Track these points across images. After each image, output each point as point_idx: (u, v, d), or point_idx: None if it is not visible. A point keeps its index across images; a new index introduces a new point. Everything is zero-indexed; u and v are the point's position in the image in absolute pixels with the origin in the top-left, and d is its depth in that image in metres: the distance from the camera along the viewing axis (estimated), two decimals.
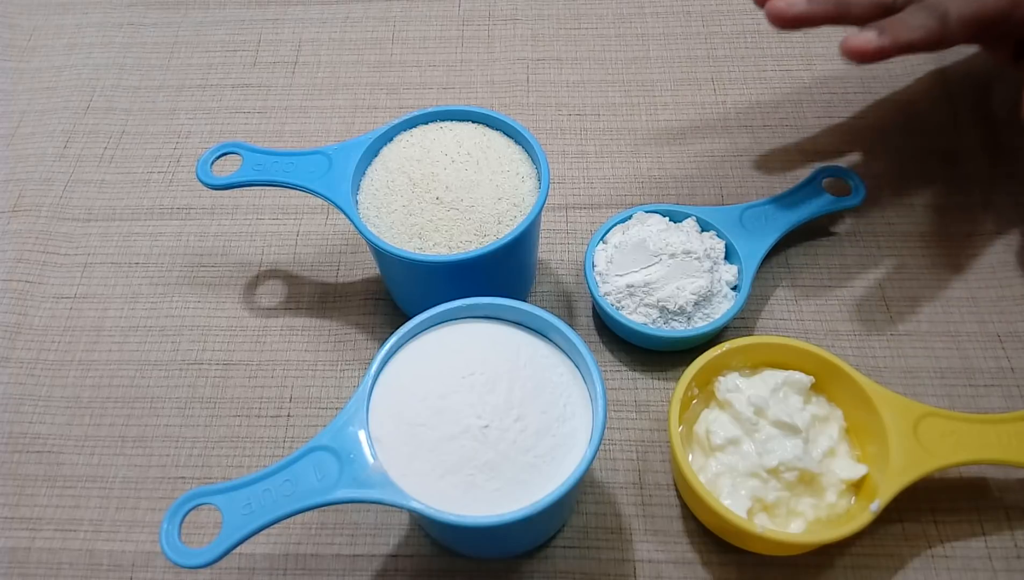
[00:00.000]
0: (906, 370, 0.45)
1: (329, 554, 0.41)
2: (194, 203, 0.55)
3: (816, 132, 0.56)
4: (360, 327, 0.48)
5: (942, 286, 0.48)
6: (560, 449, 0.34)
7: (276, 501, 0.32)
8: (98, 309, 0.50)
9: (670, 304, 0.44)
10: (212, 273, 0.51)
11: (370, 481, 0.33)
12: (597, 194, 0.53)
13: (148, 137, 0.58)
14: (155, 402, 0.46)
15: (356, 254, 0.52)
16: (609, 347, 0.47)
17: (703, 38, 0.62)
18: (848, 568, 0.40)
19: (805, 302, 0.48)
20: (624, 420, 0.44)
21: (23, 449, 0.45)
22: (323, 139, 0.58)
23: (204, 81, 0.61)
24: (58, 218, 0.54)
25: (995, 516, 0.41)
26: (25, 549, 0.42)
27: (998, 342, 0.46)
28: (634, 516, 0.41)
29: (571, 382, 0.37)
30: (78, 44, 0.64)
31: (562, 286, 0.50)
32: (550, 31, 0.63)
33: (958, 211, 0.51)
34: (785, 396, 0.40)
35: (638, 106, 0.58)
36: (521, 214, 0.42)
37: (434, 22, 0.64)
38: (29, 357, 0.48)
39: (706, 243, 0.46)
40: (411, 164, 0.43)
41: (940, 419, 0.38)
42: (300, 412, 0.46)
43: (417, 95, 0.60)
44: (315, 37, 0.64)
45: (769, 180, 0.54)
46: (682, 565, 0.40)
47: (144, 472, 0.44)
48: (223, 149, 0.45)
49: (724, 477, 0.38)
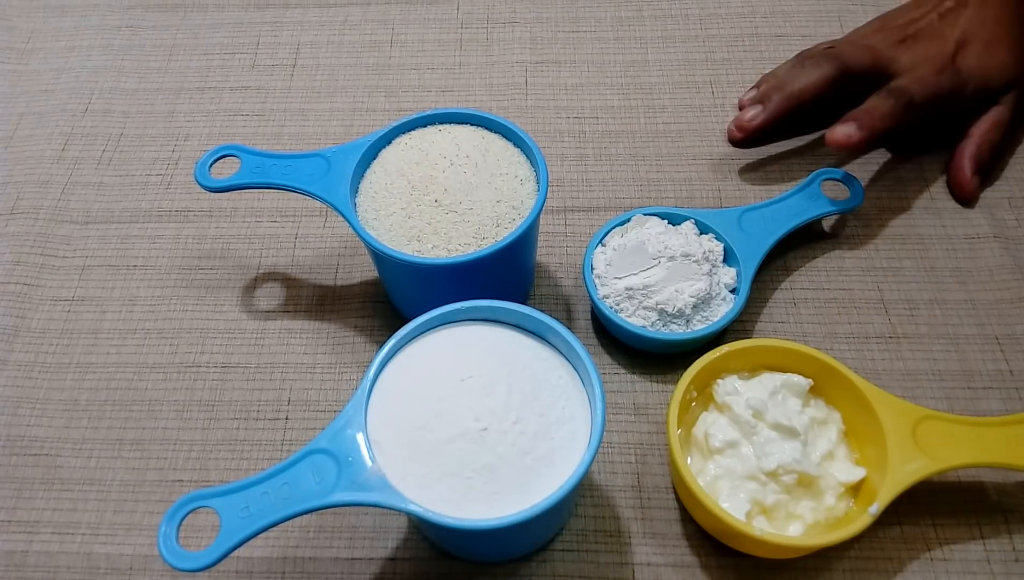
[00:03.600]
0: (905, 373, 0.45)
1: (327, 557, 0.41)
2: (192, 205, 0.55)
3: (814, 135, 0.56)
4: (358, 330, 0.48)
5: (940, 289, 0.48)
6: (559, 452, 0.34)
7: (274, 504, 0.32)
8: (96, 312, 0.50)
9: (669, 307, 0.44)
10: (210, 276, 0.51)
11: (368, 484, 0.33)
12: (596, 197, 0.53)
13: (146, 139, 0.58)
14: (153, 405, 0.46)
15: (354, 257, 0.52)
16: (608, 350, 0.47)
17: (701, 41, 0.62)
18: (847, 571, 0.39)
19: (804, 305, 0.48)
20: (623, 423, 0.44)
21: (21, 452, 0.45)
22: (321, 142, 0.58)
23: (202, 84, 0.61)
24: (56, 220, 0.54)
25: (993, 519, 0.41)
26: (23, 552, 0.42)
27: (996, 345, 0.46)
28: (633, 519, 0.41)
29: (570, 385, 0.37)
30: (76, 46, 0.64)
31: (561, 289, 0.50)
32: (549, 34, 0.63)
33: (956, 214, 0.52)
34: (784, 399, 0.40)
35: (636, 109, 0.58)
36: (520, 217, 0.42)
37: (433, 25, 0.64)
38: (27, 360, 0.48)
39: (705, 246, 0.46)
40: (410, 167, 0.43)
41: (939, 422, 0.38)
42: (298, 415, 0.46)
43: (416, 98, 0.60)
44: (314, 40, 0.64)
45: (767, 183, 0.54)
46: (681, 568, 0.40)
47: (142, 475, 0.44)
48: (221, 151, 0.45)
49: (723, 480, 0.38)
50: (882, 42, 0.52)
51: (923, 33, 0.51)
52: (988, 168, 0.52)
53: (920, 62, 0.50)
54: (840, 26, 0.61)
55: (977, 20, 0.51)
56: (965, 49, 0.50)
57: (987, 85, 0.50)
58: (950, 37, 0.50)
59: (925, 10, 0.52)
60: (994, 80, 0.50)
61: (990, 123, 0.51)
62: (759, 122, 0.53)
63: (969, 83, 0.50)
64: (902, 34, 0.52)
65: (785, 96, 0.52)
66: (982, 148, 0.51)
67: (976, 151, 0.51)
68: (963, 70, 0.50)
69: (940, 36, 0.51)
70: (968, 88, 0.50)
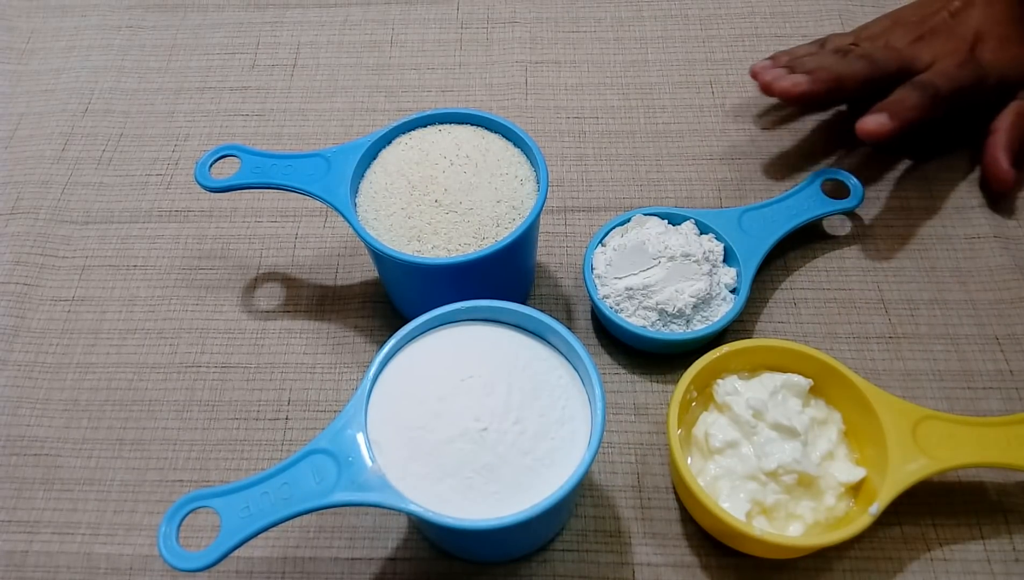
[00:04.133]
0: (905, 373, 0.45)
1: (327, 557, 0.41)
2: (192, 205, 0.55)
3: (814, 135, 0.56)
4: (358, 330, 0.48)
5: (940, 289, 0.48)
6: (559, 452, 0.34)
7: (274, 504, 0.32)
8: (96, 312, 0.50)
9: (669, 307, 0.44)
10: (210, 276, 0.51)
11: (368, 484, 0.33)
12: (596, 197, 0.53)
13: (146, 139, 0.58)
14: (153, 405, 0.46)
15: (354, 257, 0.52)
16: (608, 350, 0.47)
17: (701, 41, 0.62)
18: (847, 571, 0.39)
19: (804, 305, 0.48)
20: (623, 423, 0.44)
21: (21, 452, 0.45)
22: (321, 142, 0.58)
23: (202, 84, 0.61)
24: (56, 221, 0.54)
25: (993, 519, 0.41)
26: (23, 552, 0.42)
27: (996, 345, 0.46)
28: (633, 519, 0.41)
29: (570, 385, 0.37)
30: (76, 47, 0.64)
31: (561, 289, 0.50)
32: (549, 34, 0.63)
33: (956, 214, 0.52)
34: (784, 399, 0.40)
35: (636, 109, 0.58)
36: (520, 217, 0.42)
37: (433, 25, 0.64)
38: (27, 360, 0.48)
39: (705, 246, 0.46)
40: (410, 167, 0.43)
41: (939, 422, 0.38)
42: (298, 415, 0.46)
43: (416, 98, 0.60)
44: (314, 40, 0.64)
45: (767, 183, 0.54)
46: (681, 568, 0.40)
47: (142, 475, 0.44)
48: (221, 151, 0.45)
49: (723, 480, 0.38)
50: (900, 40, 0.52)
51: (938, 29, 0.52)
52: (1020, 159, 0.51)
53: (941, 56, 0.50)
54: (841, 26, 0.61)
55: (986, 18, 0.51)
56: (981, 44, 0.51)
57: (1007, 78, 0.51)
58: (965, 33, 0.51)
59: (935, 8, 0.53)
60: (1012, 73, 0.51)
61: (1014, 115, 0.51)
62: (804, 89, 0.50)
63: (991, 76, 0.50)
64: (918, 31, 0.52)
65: (834, 75, 0.50)
66: (1012, 140, 0.51)
67: (1008, 142, 0.51)
68: (983, 63, 0.50)
69: (955, 32, 0.51)
70: (990, 80, 0.50)
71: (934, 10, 0.53)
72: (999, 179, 0.51)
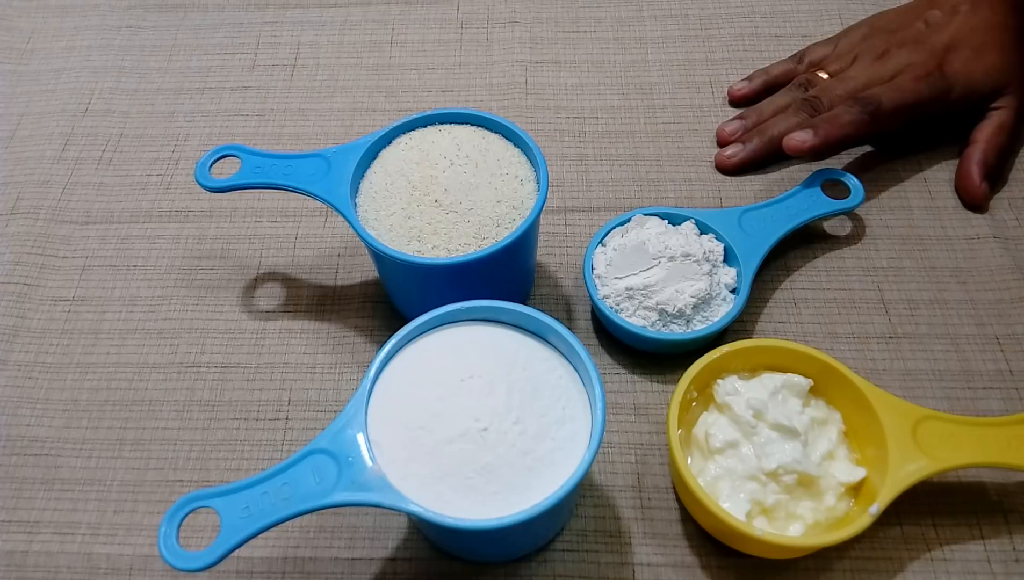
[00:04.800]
0: (905, 373, 0.45)
1: (327, 557, 0.41)
2: (192, 206, 0.55)
3: None
4: (359, 330, 0.48)
5: (940, 289, 0.48)
6: (559, 452, 0.34)
7: (274, 504, 0.32)
8: (96, 312, 0.50)
9: (669, 307, 0.44)
10: (210, 276, 0.51)
11: (368, 484, 0.33)
12: (596, 197, 0.53)
13: (146, 140, 0.58)
14: (153, 405, 0.46)
15: (355, 257, 0.52)
16: (608, 350, 0.47)
17: (701, 41, 0.62)
18: (847, 571, 0.39)
19: (804, 305, 0.48)
20: (623, 423, 0.44)
21: (21, 452, 0.45)
22: (322, 142, 0.58)
23: (203, 84, 0.61)
24: (56, 221, 0.54)
25: (994, 519, 0.41)
26: (23, 552, 0.42)
27: (996, 345, 0.46)
28: (633, 519, 0.41)
29: (570, 385, 0.37)
30: (76, 47, 0.64)
31: (561, 289, 0.50)
32: (549, 34, 0.63)
33: (956, 214, 0.52)
34: (784, 399, 0.40)
35: (636, 109, 0.58)
36: (520, 217, 0.42)
37: (433, 25, 0.64)
38: (27, 360, 0.48)
39: (705, 246, 0.46)
40: (410, 167, 0.43)
41: (939, 422, 0.38)
42: (298, 415, 0.46)
43: (416, 98, 0.60)
44: (314, 40, 0.64)
45: (767, 183, 0.54)
46: (681, 568, 0.40)
47: (142, 475, 0.44)
48: (221, 152, 0.45)
49: (723, 480, 0.38)
50: (870, 53, 0.53)
51: (908, 41, 0.52)
52: (996, 173, 0.52)
53: (903, 69, 0.51)
54: (841, 26, 0.61)
55: (968, 26, 0.51)
56: (952, 54, 0.51)
57: (973, 89, 0.51)
58: (937, 43, 0.51)
59: (914, 16, 0.53)
60: (981, 84, 0.51)
61: (994, 127, 0.51)
62: (737, 161, 0.54)
63: (954, 87, 0.50)
64: (888, 44, 0.53)
65: (766, 140, 0.53)
66: (988, 153, 0.51)
67: (983, 157, 0.51)
68: (948, 75, 0.50)
69: (925, 43, 0.51)
70: (953, 92, 0.50)
71: (911, 19, 0.53)
72: (970, 193, 0.51)
